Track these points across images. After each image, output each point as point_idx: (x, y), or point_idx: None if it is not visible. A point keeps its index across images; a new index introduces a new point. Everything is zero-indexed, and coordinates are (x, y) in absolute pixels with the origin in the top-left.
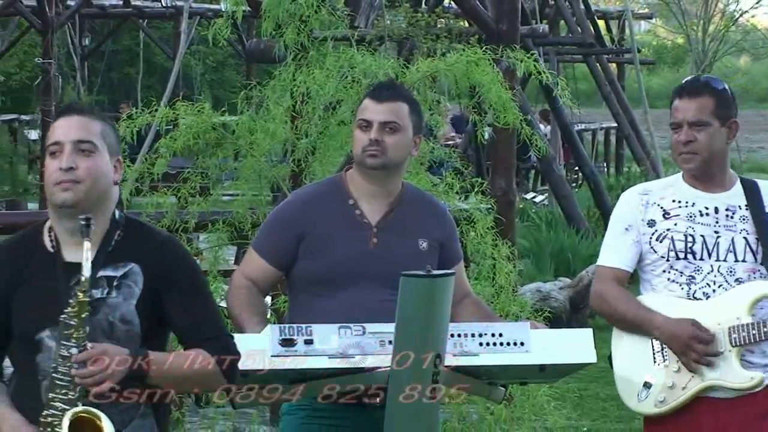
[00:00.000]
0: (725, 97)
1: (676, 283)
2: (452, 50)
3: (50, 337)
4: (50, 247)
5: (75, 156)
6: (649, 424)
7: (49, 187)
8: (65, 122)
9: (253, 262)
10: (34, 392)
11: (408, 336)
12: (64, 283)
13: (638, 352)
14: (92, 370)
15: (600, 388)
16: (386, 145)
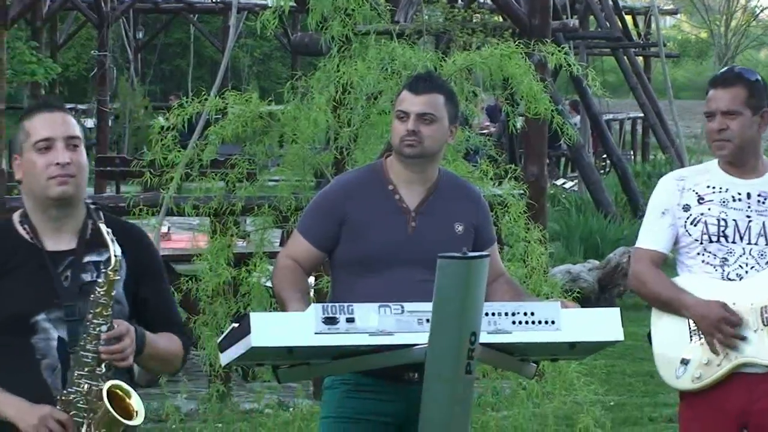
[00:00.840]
0: (758, 87)
1: (710, 264)
2: (487, 44)
3: (45, 320)
4: (29, 238)
5: (67, 151)
6: (684, 399)
7: (40, 181)
8: (48, 118)
9: (297, 244)
10: (33, 370)
11: (445, 315)
12: (54, 271)
13: (676, 331)
14: (122, 346)
15: (627, 364)
16: (422, 135)
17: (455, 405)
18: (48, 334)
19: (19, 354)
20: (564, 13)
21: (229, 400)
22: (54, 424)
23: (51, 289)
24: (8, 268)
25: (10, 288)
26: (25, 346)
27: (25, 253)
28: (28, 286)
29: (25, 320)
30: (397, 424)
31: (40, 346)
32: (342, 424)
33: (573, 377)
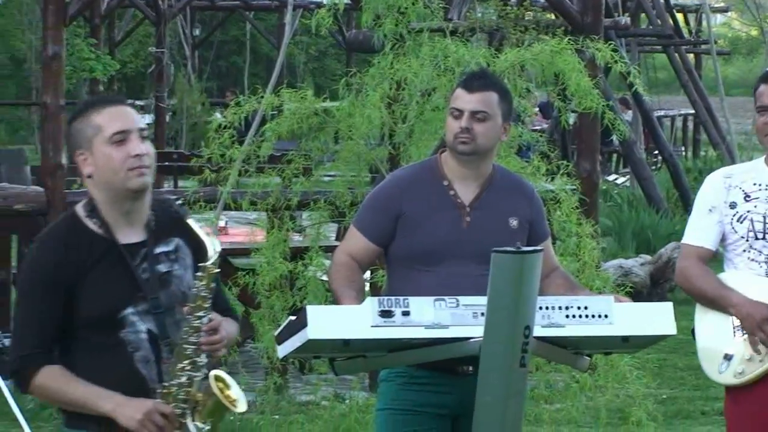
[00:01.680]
0: None
1: (756, 261)
2: (539, 41)
3: (133, 314)
4: (101, 233)
5: (141, 142)
6: (729, 394)
7: (119, 174)
8: (120, 111)
9: (353, 239)
10: (127, 364)
11: (499, 308)
12: (132, 264)
13: (719, 326)
14: (219, 337)
15: (678, 358)
16: (476, 132)
17: (509, 397)
18: (136, 327)
19: (112, 349)
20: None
21: (286, 392)
22: (159, 417)
23: (133, 283)
24: (88, 265)
25: (94, 285)
26: (116, 341)
27: (100, 248)
28: (111, 281)
29: (113, 316)
30: (451, 415)
31: (130, 339)
32: (397, 415)
33: (625, 370)
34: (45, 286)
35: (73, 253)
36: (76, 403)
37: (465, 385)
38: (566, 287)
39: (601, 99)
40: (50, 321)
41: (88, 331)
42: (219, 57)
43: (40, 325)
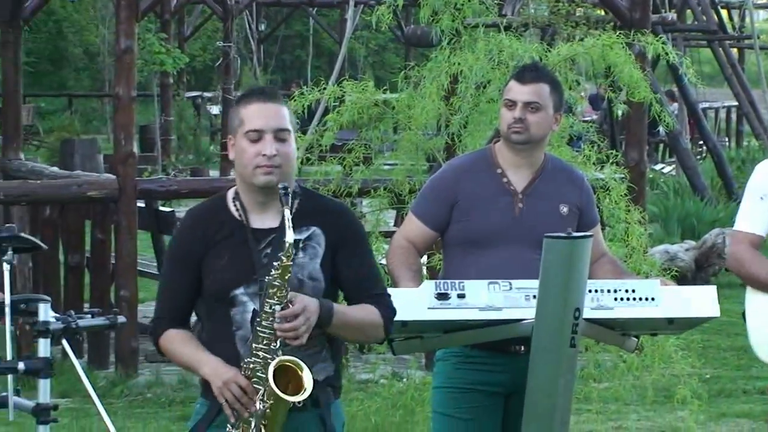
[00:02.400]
0: None
1: None
2: (589, 36)
3: (244, 294)
4: (238, 216)
5: (275, 143)
6: None
7: (248, 169)
8: (264, 109)
9: (411, 225)
10: (229, 340)
11: (550, 291)
12: (254, 247)
13: None
14: (294, 325)
15: (722, 339)
16: (528, 122)
17: (560, 376)
18: (245, 307)
19: (220, 323)
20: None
21: (347, 370)
22: (235, 387)
23: (250, 265)
24: (216, 240)
25: (215, 260)
26: (225, 316)
27: (231, 229)
28: (231, 260)
29: (226, 293)
30: (504, 393)
31: (237, 318)
32: (453, 393)
33: (671, 351)
34: (177, 258)
35: (204, 231)
36: (186, 365)
37: (517, 364)
38: (614, 272)
39: (650, 91)
40: (180, 290)
41: (208, 303)
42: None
43: (171, 293)
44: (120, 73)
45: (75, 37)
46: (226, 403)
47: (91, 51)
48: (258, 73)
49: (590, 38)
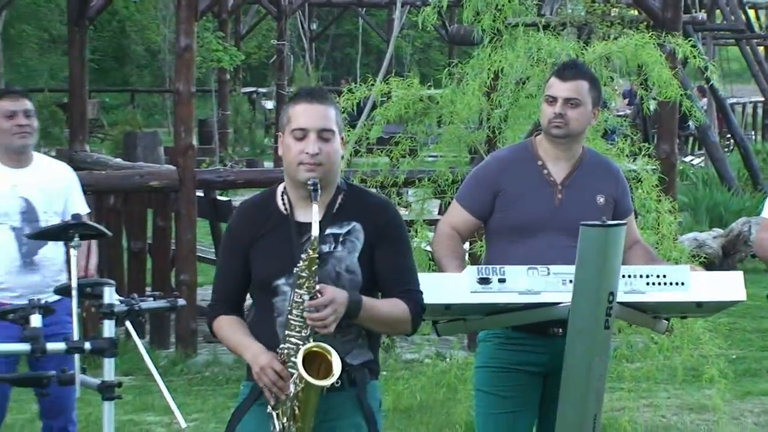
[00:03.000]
0: None
1: None
2: (624, 35)
3: (285, 284)
4: (284, 209)
5: (318, 142)
6: None
7: (292, 165)
8: (309, 109)
9: (456, 213)
10: (271, 326)
11: (586, 276)
12: (296, 240)
13: None
14: (321, 315)
15: (747, 322)
16: (568, 117)
17: (595, 356)
18: (286, 296)
19: (263, 310)
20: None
21: (393, 351)
22: (271, 372)
23: (292, 257)
24: (262, 232)
25: (261, 252)
26: (268, 304)
27: (277, 222)
28: (275, 252)
29: (269, 283)
30: (542, 373)
31: (278, 306)
32: (494, 373)
33: (699, 333)
34: (229, 248)
35: (253, 222)
36: (232, 349)
37: (555, 345)
38: (646, 258)
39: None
40: (232, 277)
41: (254, 291)
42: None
43: (224, 280)
44: (180, 70)
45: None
46: (265, 387)
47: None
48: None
49: (624, 37)
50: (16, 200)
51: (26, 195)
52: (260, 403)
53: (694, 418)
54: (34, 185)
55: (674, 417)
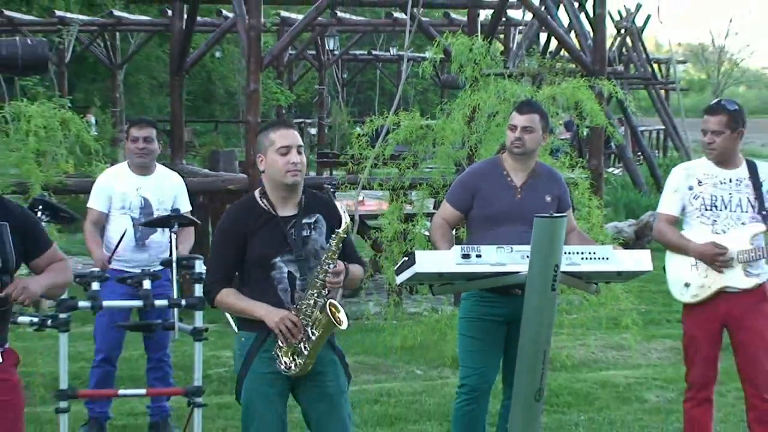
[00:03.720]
0: (736, 114)
1: (705, 224)
2: (565, 81)
3: (280, 261)
4: (268, 208)
5: (297, 155)
6: (686, 309)
7: (281, 173)
8: (287, 133)
9: (446, 209)
10: (271, 292)
11: (538, 253)
12: (284, 228)
13: (682, 265)
14: (339, 279)
15: (653, 286)
16: (525, 140)
17: (544, 310)
18: (281, 270)
19: (263, 282)
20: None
21: (401, 306)
22: (289, 322)
23: (284, 241)
24: (254, 228)
25: (257, 242)
26: (267, 277)
27: (265, 218)
28: (269, 239)
29: (267, 261)
30: (506, 322)
31: (276, 276)
32: (472, 322)
33: (618, 293)
34: (227, 240)
35: (246, 220)
36: (242, 311)
37: (516, 302)
38: (581, 240)
39: (605, 119)
40: (230, 262)
41: (252, 269)
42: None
43: (222, 264)
44: (249, 106)
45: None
46: (280, 333)
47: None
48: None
49: (565, 83)
50: (137, 199)
51: (145, 195)
52: (265, 349)
53: (614, 354)
54: (151, 188)
55: (600, 353)
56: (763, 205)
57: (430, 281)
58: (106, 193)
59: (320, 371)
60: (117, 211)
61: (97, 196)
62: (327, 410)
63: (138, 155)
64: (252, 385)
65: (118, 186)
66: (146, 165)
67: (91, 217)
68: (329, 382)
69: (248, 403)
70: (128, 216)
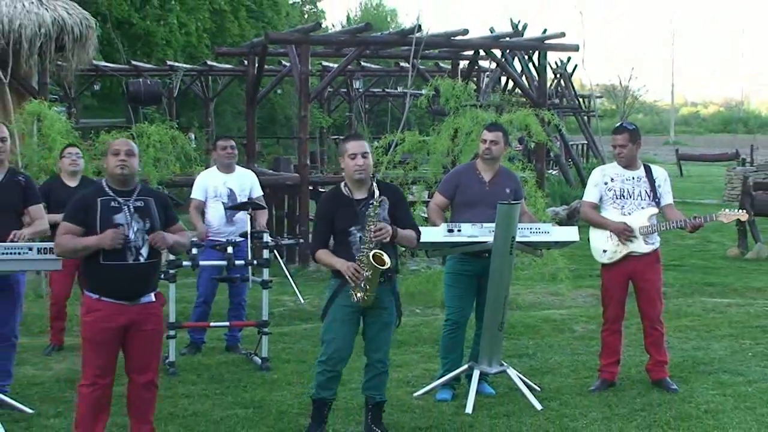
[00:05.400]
0: (634, 132)
1: (616, 209)
2: (518, 110)
3: (353, 229)
4: (347, 194)
5: (362, 159)
6: (603, 268)
7: (351, 171)
8: (356, 144)
9: (438, 197)
10: (349, 251)
11: (501, 228)
12: (357, 208)
13: (600, 237)
14: (381, 233)
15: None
16: (492, 150)
17: (504, 268)
18: (354, 236)
19: (343, 245)
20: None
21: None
22: (353, 269)
23: (355, 216)
24: (339, 206)
25: (341, 217)
26: (346, 241)
27: (344, 202)
28: (346, 215)
29: (345, 231)
30: (477, 275)
31: (351, 240)
32: (454, 276)
33: (556, 256)
34: (323, 216)
35: (332, 203)
36: (329, 264)
37: (485, 262)
38: (530, 219)
39: (546, 136)
40: (325, 231)
41: (337, 236)
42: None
43: (321, 233)
44: (301, 127)
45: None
46: (348, 277)
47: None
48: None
49: (519, 111)
50: (225, 189)
51: (230, 186)
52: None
53: (552, 299)
54: (234, 182)
55: (543, 298)
56: (656, 195)
57: (425, 248)
58: (203, 187)
59: (384, 307)
60: (211, 199)
61: (197, 189)
62: (380, 331)
63: (225, 158)
64: (334, 312)
65: (211, 181)
66: (230, 165)
67: (194, 204)
68: (387, 316)
69: (330, 322)
70: (219, 202)
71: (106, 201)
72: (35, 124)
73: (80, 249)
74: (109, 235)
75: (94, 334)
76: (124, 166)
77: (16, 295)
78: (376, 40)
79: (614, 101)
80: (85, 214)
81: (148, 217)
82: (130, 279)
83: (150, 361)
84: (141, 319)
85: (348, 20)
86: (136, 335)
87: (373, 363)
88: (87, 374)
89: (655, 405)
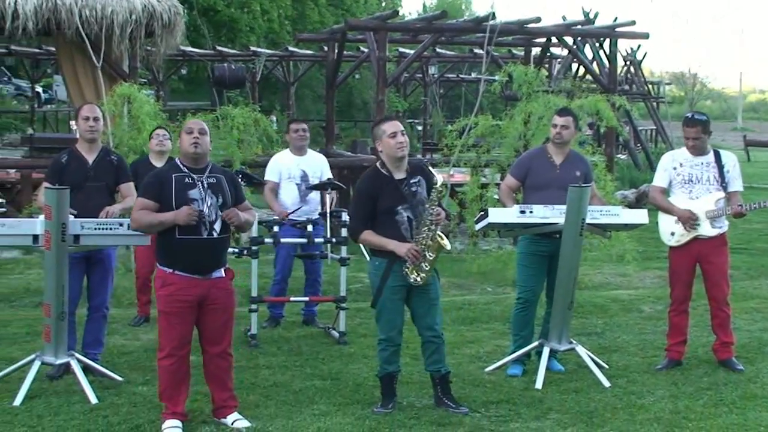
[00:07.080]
0: (706, 123)
1: (684, 193)
2: (589, 95)
3: (400, 208)
4: (386, 174)
5: (401, 137)
6: (671, 250)
7: (392, 149)
8: (393, 123)
9: (510, 179)
10: (397, 231)
11: (571, 211)
12: (401, 187)
13: (668, 220)
14: (440, 217)
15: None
16: (563, 134)
17: (574, 249)
18: (402, 215)
19: (391, 224)
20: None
21: (478, 245)
22: (414, 250)
23: (402, 196)
24: (382, 187)
25: (386, 196)
26: (393, 220)
27: (386, 182)
28: (390, 194)
29: (392, 210)
30: (549, 255)
31: (398, 219)
32: (526, 256)
33: (624, 238)
34: (365, 196)
35: (374, 183)
36: (378, 245)
37: (556, 242)
38: (600, 202)
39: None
40: (368, 211)
41: (382, 216)
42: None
43: (363, 213)
44: (378, 111)
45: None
46: (408, 258)
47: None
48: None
49: (590, 96)
50: (298, 171)
51: (303, 168)
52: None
53: (621, 279)
54: (307, 164)
55: (611, 278)
56: (724, 180)
57: (498, 228)
58: (277, 169)
59: (430, 283)
60: (285, 181)
61: (271, 171)
62: (429, 307)
63: (298, 140)
64: (386, 292)
65: (285, 163)
66: (303, 147)
67: (268, 186)
68: (432, 292)
69: (384, 302)
70: (293, 182)
71: (180, 177)
72: (125, 106)
73: (156, 224)
74: (185, 211)
75: (169, 307)
76: (197, 144)
77: (108, 268)
78: (451, 27)
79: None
80: (160, 189)
81: (221, 192)
82: (204, 253)
83: (223, 334)
84: (212, 294)
85: (424, 8)
86: (209, 310)
87: (429, 339)
88: (164, 346)
89: (721, 384)
